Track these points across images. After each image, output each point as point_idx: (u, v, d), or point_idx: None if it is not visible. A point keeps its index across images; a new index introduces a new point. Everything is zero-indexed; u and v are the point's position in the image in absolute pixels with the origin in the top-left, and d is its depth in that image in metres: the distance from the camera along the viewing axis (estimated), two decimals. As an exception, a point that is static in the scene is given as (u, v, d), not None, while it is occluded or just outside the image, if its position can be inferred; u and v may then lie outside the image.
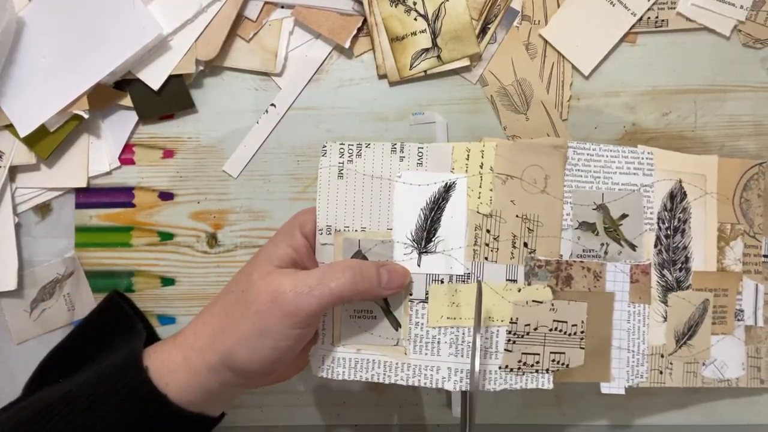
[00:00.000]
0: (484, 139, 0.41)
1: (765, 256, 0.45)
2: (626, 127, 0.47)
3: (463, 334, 0.40)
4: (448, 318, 0.40)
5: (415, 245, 0.41)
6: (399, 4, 0.45)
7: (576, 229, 0.42)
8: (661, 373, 0.43)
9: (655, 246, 0.43)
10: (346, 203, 0.41)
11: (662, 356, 0.43)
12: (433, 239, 0.40)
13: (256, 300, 0.36)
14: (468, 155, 0.41)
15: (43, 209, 0.48)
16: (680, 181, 0.43)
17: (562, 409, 0.49)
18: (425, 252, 0.41)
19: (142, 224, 0.48)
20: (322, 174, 0.41)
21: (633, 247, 0.43)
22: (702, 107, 0.46)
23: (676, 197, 0.43)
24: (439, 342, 0.41)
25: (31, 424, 0.35)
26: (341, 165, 0.41)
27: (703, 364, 0.44)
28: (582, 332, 0.42)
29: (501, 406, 0.50)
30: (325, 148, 0.41)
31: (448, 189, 0.41)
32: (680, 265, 0.43)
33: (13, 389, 0.45)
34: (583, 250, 0.42)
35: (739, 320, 0.44)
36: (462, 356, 0.40)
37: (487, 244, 0.41)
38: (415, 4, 0.45)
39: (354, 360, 0.41)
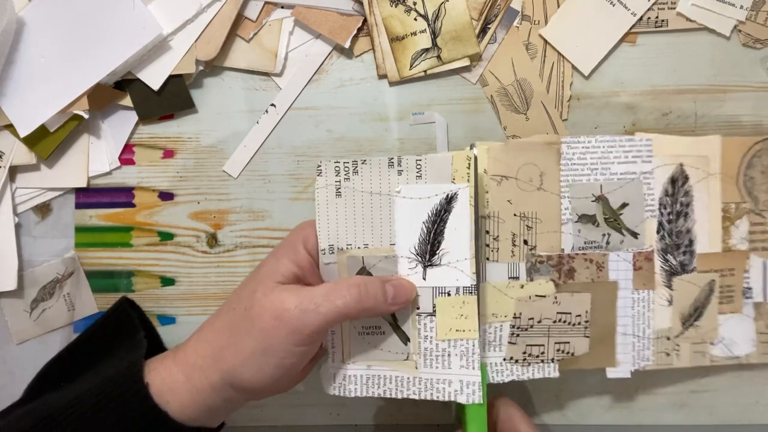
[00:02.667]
0: (475, 144, 0.41)
1: None
2: (626, 127, 0.46)
3: (473, 345, 0.40)
4: (456, 330, 0.40)
5: (420, 259, 0.40)
6: (399, 4, 0.45)
7: (576, 222, 0.42)
8: (667, 355, 0.43)
9: (658, 232, 0.43)
10: (347, 221, 0.40)
11: (668, 339, 0.43)
12: (437, 252, 0.40)
13: (260, 317, 0.35)
14: (469, 164, 0.40)
15: (43, 209, 0.48)
16: (681, 165, 0.43)
17: (563, 409, 0.49)
18: (430, 265, 0.40)
19: (142, 224, 0.48)
20: (320, 194, 0.40)
21: (635, 235, 0.43)
22: (702, 107, 0.46)
23: (678, 181, 0.43)
24: (449, 355, 0.40)
25: None
26: (338, 183, 0.40)
27: (711, 343, 0.44)
28: (586, 321, 0.42)
29: (501, 406, 0.50)
30: (320, 168, 0.40)
31: (449, 200, 0.40)
32: (684, 249, 0.43)
33: (13, 389, 0.45)
34: (585, 243, 0.42)
35: (747, 298, 0.44)
36: (473, 368, 0.40)
37: (487, 245, 0.41)
38: (415, 4, 0.45)
39: (365, 376, 0.41)
